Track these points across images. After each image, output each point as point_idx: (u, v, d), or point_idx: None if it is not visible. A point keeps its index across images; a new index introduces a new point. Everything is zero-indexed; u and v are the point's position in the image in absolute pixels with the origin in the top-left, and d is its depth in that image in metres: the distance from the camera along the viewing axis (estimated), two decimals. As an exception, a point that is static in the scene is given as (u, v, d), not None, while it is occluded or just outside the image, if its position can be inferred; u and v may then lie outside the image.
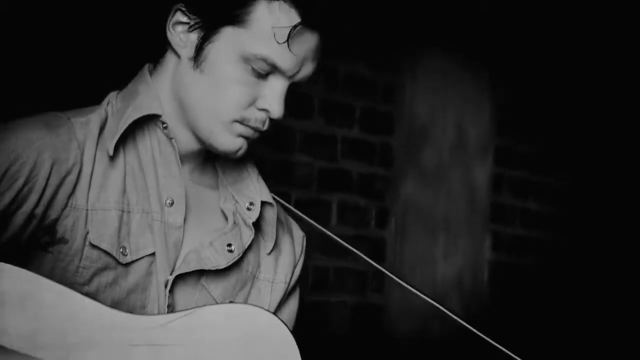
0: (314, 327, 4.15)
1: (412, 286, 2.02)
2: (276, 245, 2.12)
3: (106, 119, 2.01)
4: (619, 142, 6.00)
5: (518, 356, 1.97)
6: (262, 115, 1.94)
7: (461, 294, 4.88)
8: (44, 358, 1.84)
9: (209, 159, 2.06)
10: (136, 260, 1.96)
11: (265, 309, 1.92)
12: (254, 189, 2.09)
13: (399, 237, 4.54)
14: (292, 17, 1.92)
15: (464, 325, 5.03)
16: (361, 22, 4.32)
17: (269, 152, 3.91)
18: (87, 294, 1.89)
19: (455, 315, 2.04)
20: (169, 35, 1.97)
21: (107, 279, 1.94)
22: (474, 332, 1.94)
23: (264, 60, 1.90)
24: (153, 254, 1.98)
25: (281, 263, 2.14)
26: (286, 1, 1.92)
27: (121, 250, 1.96)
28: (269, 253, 2.10)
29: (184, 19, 1.94)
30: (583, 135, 5.71)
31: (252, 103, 1.94)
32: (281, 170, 4.02)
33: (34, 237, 1.91)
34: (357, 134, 4.38)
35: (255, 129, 1.95)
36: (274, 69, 1.92)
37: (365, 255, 4.51)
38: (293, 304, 2.16)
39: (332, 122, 4.26)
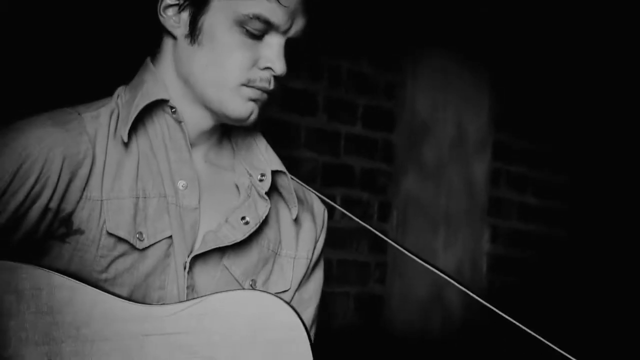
0: (318, 317, 4.21)
1: (438, 269, 2.01)
2: (297, 219, 2.13)
3: (116, 111, 2.03)
4: (615, 137, 6.01)
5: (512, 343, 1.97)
6: (266, 74, 1.95)
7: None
8: (60, 349, 1.88)
9: (224, 138, 2.08)
10: (153, 244, 1.98)
11: (273, 294, 1.93)
12: (263, 160, 2.11)
13: (401, 230, 4.56)
14: None
15: (462, 314, 4.96)
16: (363, 21, 4.36)
17: (274, 148, 3.95)
18: (105, 281, 1.93)
19: (472, 291, 2.02)
20: (161, 19, 1.99)
21: (124, 265, 1.96)
22: (474, 320, 1.95)
23: (257, 18, 1.92)
24: (171, 236, 2.00)
25: (302, 239, 2.15)
26: None
27: (137, 236, 1.97)
28: (295, 219, 2.11)
29: (173, 0, 1.97)
30: (580, 131, 5.73)
31: (254, 64, 1.95)
32: (286, 166, 4.03)
33: (50, 230, 1.93)
34: (359, 131, 4.39)
35: (262, 89, 1.96)
36: (268, 27, 1.93)
37: (368, 247, 4.49)
38: (319, 276, 2.18)
39: (336, 118, 4.27)
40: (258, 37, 1.94)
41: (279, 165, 2.09)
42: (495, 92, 5.12)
